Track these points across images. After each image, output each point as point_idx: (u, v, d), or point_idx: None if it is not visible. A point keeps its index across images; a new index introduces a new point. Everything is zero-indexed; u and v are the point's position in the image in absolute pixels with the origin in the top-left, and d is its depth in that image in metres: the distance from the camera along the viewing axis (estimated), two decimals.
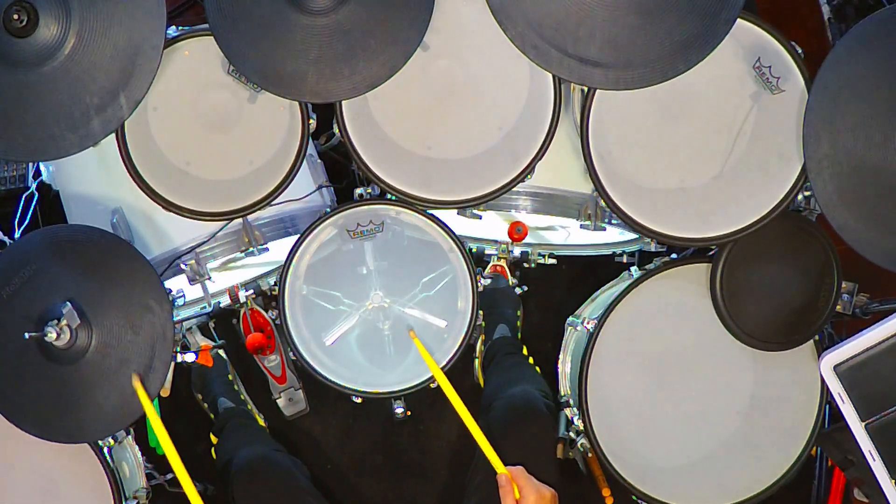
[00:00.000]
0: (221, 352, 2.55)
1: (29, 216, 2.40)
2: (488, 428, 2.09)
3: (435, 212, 2.10)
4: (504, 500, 1.67)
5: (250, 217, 2.09)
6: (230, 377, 2.56)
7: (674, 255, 2.20)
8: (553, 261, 2.51)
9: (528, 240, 2.36)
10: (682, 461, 2.09)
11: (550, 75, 1.96)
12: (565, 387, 2.31)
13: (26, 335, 1.75)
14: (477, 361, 2.56)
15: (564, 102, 1.99)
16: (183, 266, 2.14)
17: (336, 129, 2.01)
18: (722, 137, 1.97)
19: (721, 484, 2.08)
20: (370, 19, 1.83)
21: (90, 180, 2.20)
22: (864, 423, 1.79)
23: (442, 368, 2.12)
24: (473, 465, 2.07)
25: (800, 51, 1.90)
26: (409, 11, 1.84)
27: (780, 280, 2.02)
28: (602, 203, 2.02)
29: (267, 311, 2.35)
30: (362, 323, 2.18)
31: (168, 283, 2.02)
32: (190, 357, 2.01)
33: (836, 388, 1.81)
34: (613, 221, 2.19)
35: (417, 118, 2.03)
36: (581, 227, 2.19)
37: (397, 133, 2.04)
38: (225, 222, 2.10)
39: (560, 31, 1.77)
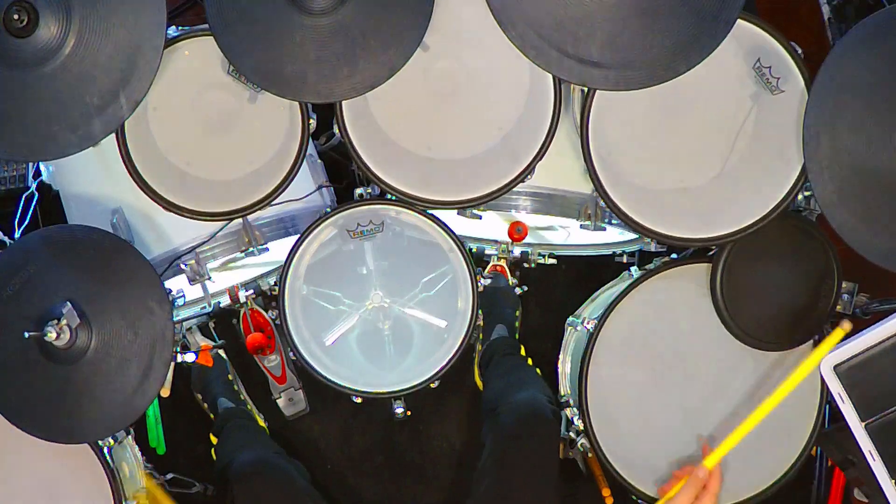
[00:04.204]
0: (221, 352, 2.55)
1: (29, 216, 2.40)
2: (496, 433, 2.09)
3: (435, 212, 2.10)
4: (688, 488, 1.76)
5: (250, 217, 2.09)
6: (230, 377, 2.56)
7: (674, 255, 2.20)
8: (553, 261, 2.51)
9: (528, 240, 2.36)
10: (683, 461, 2.09)
11: (550, 75, 1.96)
12: (565, 387, 2.31)
13: (26, 335, 1.75)
14: (475, 361, 2.56)
15: (564, 102, 1.99)
16: (183, 266, 2.14)
17: (336, 129, 2.01)
18: (722, 137, 1.97)
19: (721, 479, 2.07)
20: (370, 19, 1.83)
21: (90, 180, 2.20)
22: (864, 423, 1.79)
23: (442, 368, 2.12)
24: (480, 469, 2.06)
25: (800, 51, 1.90)
26: (409, 11, 1.84)
27: (780, 280, 2.02)
28: (602, 203, 2.02)
29: (267, 311, 2.35)
30: (362, 323, 2.18)
31: (168, 283, 2.02)
32: (190, 357, 2.00)
33: (836, 388, 1.81)
34: (613, 221, 2.19)
35: (417, 118, 2.03)
36: (581, 227, 2.19)
37: (397, 133, 2.04)
38: (225, 222, 2.10)
39: (560, 31, 1.77)
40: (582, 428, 2.09)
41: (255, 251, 2.15)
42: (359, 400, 2.15)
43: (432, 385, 2.14)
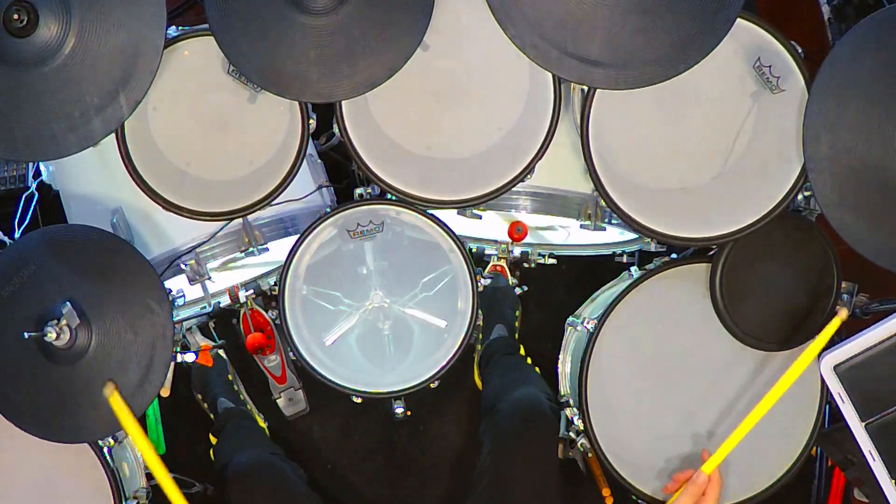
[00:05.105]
0: (221, 352, 2.55)
1: (29, 216, 2.40)
2: (494, 430, 2.09)
3: (435, 212, 2.10)
4: (686, 496, 1.77)
5: (250, 217, 2.09)
6: (230, 377, 2.56)
7: (674, 255, 2.20)
8: (553, 261, 2.51)
9: (528, 240, 2.36)
10: (683, 461, 2.09)
11: (550, 75, 1.96)
12: (565, 387, 2.31)
13: (26, 335, 1.75)
14: (475, 360, 2.56)
15: (564, 102, 1.99)
16: (183, 266, 2.14)
17: (336, 129, 2.01)
18: (722, 137, 1.97)
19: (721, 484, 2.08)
20: (370, 19, 1.83)
21: (90, 180, 2.20)
22: (864, 423, 1.80)
23: (442, 368, 2.12)
24: (479, 468, 2.06)
25: (800, 51, 1.90)
26: (409, 11, 1.84)
27: (780, 280, 2.02)
28: (602, 203, 2.02)
29: (267, 311, 2.35)
30: (362, 323, 2.18)
31: (168, 283, 2.02)
32: (190, 357, 2.01)
33: (836, 388, 1.81)
34: (613, 221, 2.19)
35: (417, 118, 2.03)
36: (581, 227, 2.19)
37: (397, 133, 2.04)
38: (225, 222, 2.10)
39: (560, 30, 1.77)
40: (582, 428, 2.09)
41: (255, 251, 2.15)
42: (359, 400, 2.15)
43: (432, 385, 2.14)
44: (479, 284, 2.12)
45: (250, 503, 2.06)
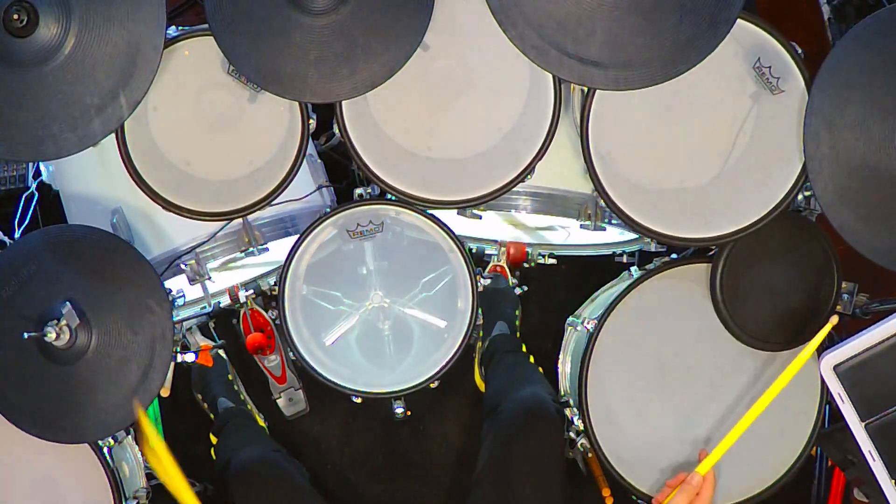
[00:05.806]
0: (221, 352, 2.55)
1: (29, 216, 2.40)
2: (498, 430, 2.08)
3: (435, 212, 2.10)
4: (681, 495, 1.74)
5: (250, 217, 2.09)
6: (230, 377, 2.56)
7: (674, 255, 2.20)
8: (553, 261, 2.51)
9: (528, 240, 2.36)
10: (683, 461, 2.09)
11: (550, 75, 1.96)
12: (565, 387, 2.31)
13: (26, 335, 1.75)
14: (476, 360, 2.56)
15: (564, 102, 1.99)
16: (183, 266, 2.14)
17: (336, 129, 2.01)
18: (722, 137, 1.97)
19: (721, 484, 2.07)
20: (370, 19, 1.83)
21: (90, 180, 2.20)
22: (864, 423, 1.79)
23: (442, 368, 2.12)
24: (478, 474, 2.05)
25: (800, 51, 1.90)
26: (409, 11, 1.84)
27: (780, 280, 2.02)
28: (602, 203, 2.02)
29: (267, 311, 2.35)
30: (362, 323, 2.18)
31: (168, 283, 2.02)
32: (190, 357, 2.01)
33: (836, 388, 1.81)
34: (613, 221, 2.19)
35: (417, 118, 2.03)
36: (581, 227, 2.19)
37: (397, 133, 2.04)
38: (225, 222, 2.10)
39: (560, 31, 1.77)
40: (582, 428, 2.09)
41: (255, 251, 2.15)
42: (359, 400, 2.15)
43: (432, 385, 2.14)
44: (479, 284, 2.12)
45: (254, 499, 2.05)
